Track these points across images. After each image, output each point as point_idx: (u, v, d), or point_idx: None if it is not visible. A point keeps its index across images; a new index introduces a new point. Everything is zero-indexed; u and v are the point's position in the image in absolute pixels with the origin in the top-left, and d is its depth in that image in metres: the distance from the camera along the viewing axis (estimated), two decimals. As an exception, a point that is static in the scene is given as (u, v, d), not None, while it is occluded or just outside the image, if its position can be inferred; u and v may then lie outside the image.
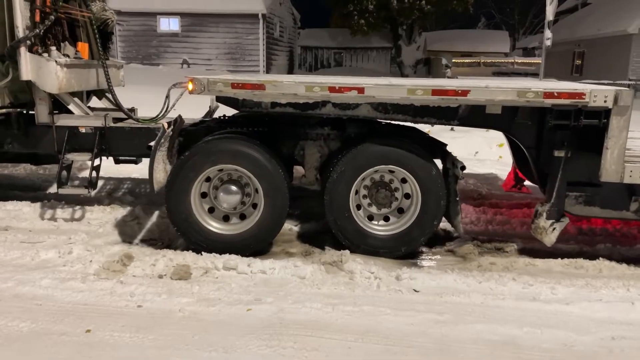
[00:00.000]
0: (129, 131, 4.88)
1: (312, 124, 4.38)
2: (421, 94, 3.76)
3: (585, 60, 25.45)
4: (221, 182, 4.18)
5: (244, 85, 3.87)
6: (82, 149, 4.83)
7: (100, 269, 3.81)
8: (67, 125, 4.81)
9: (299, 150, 4.46)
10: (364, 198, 4.23)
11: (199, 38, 22.06)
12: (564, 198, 3.94)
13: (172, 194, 4.08)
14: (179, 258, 3.97)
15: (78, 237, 4.41)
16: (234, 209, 4.19)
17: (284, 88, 3.84)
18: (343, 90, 3.81)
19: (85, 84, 5.14)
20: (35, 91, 4.72)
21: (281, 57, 26.02)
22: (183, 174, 4.06)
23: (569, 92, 3.65)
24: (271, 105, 4.04)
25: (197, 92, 3.90)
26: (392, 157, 4.06)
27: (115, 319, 3.16)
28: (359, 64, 31.81)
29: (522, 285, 3.69)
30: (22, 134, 4.86)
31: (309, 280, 3.75)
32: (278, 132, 4.40)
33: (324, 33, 33.06)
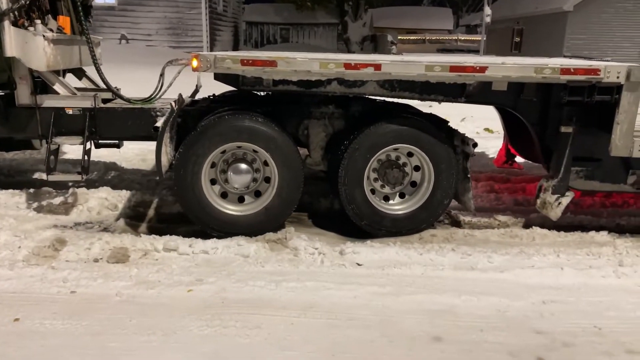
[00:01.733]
0: (121, 112, 4.53)
1: (316, 102, 4.24)
2: (439, 71, 3.72)
3: (524, 37, 26.32)
4: (231, 161, 4.04)
5: (254, 62, 3.72)
6: (69, 132, 4.45)
7: (29, 254, 3.61)
8: (52, 107, 4.39)
9: (302, 129, 4.29)
10: (375, 182, 4.18)
11: (137, 12, 21.08)
12: (569, 173, 4.04)
13: (181, 178, 3.91)
14: (116, 241, 3.82)
15: (5, 222, 4.15)
16: (246, 187, 4.06)
17: (297, 65, 3.71)
18: (359, 67, 3.72)
19: (69, 61, 4.74)
20: (16, 69, 4.28)
21: (226, 33, 25.34)
22: (193, 155, 3.90)
23: (585, 68, 3.72)
24: (273, 83, 3.90)
25: (203, 70, 3.71)
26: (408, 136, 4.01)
27: (46, 306, 3.01)
28: (306, 40, 31.51)
29: (460, 256, 3.80)
30: (3, 117, 4.42)
31: (253, 259, 3.71)
32: (279, 111, 4.23)
33: (269, 8, 32.42)
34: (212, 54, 3.76)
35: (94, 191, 4.88)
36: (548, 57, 8.30)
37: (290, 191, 4.05)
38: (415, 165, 4.20)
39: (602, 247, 3.98)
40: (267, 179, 4.11)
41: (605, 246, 4.00)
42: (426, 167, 4.14)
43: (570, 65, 3.78)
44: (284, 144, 3.98)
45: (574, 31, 22.10)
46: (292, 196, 4.07)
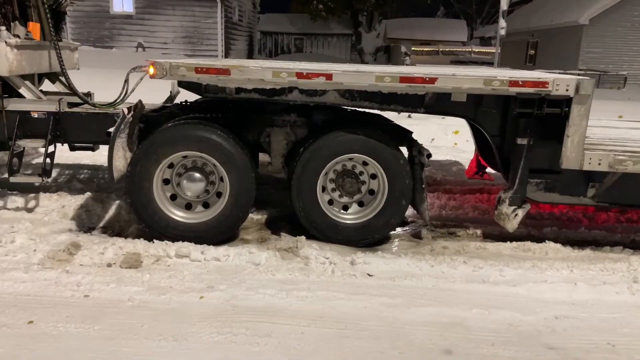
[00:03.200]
0: (85, 116, 4.63)
1: (278, 110, 4.27)
2: (389, 81, 3.74)
3: (539, 50, 26.21)
4: (185, 169, 4.07)
5: (208, 70, 3.76)
6: (35, 135, 4.55)
7: (44, 258, 3.66)
8: (18, 110, 4.51)
9: (264, 137, 4.35)
10: (330, 182, 4.21)
11: (154, 21, 21.39)
12: (526, 185, 4.03)
13: (133, 182, 3.95)
14: (129, 246, 3.86)
15: (22, 225, 4.21)
16: (197, 197, 4.09)
17: (250, 73, 3.75)
18: (311, 77, 3.75)
19: (37, 66, 4.86)
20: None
21: (240, 42, 25.59)
22: (144, 161, 3.93)
23: (533, 80, 3.71)
24: (236, 90, 3.95)
25: (159, 77, 3.76)
26: (360, 146, 4.02)
27: (60, 309, 3.04)
28: (319, 51, 31.67)
29: (472, 268, 3.78)
30: None
31: (264, 267, 3.72)
32: (243, 119, 4.30)
33: (284, 18, 32.69)
34: (167, 62, 3.81)
35: (107, 197, 4.95)
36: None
37: (241, 199, 4.04)
38: (371, 174, 4.22)
39: (616, 263, 3.93)
40: (219, 191, 4.11)
41: (620, 262, 3.96)
42: (380, 177, 4.14)
43: (518, 77, 3.78)
44: (235, 154, 3.97)
45: (590, 44, 21.97)
46: (244, 204, 4.06)
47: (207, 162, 4.04)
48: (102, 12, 21.18)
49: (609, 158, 3.80)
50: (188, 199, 4.11)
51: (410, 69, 4.41)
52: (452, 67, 6.77)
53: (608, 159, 3.80)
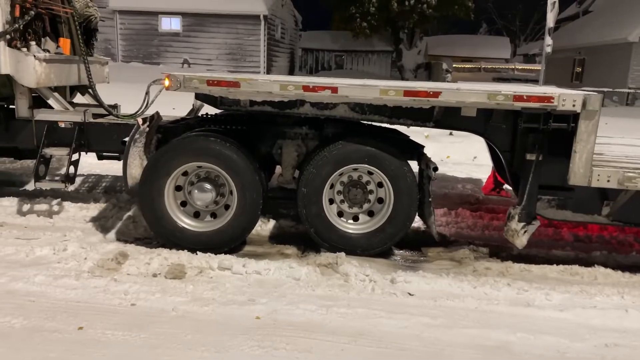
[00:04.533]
0: (107, 127, 4.88)
1: (291, 123, 4.38)
2: (393, 95, 3.78)
3: (586, 67, 25.51)
4: (198, 179, 4.20)
5: (219, 82, 3.89)
6: (61, 144, 4.81)
7: (94, 266, 3.80)
8: (46, 120, 4.80)
9: (276, 149, 4.46)
10: (338, 194, 4.26)
11: (200, 38, 22.09)
12: (536, 201, 3.96)
13: (145, 189, 4.10)
14: (173, 257, 3.96)
15: (73, 234, 4.39)
16: (206, 207, 4.20)
17: (258, 86, 3.86)
18: (317, 90, 3.83)
19: (65, 79, 5.13)
20: (15, 85, 4.72)
21: (282, 59, 26.05)
22: (157, 169, 4.08)
23: (538, 95, 3.67)
24: (250, 103, 4.07)
25: (173, 89, 3.92)
26: (365, 156, 4.07)
27: (108, 317, 3.15)
28: (360, 67, 31.83)
29: (516, 291, 3.69)
30: (3, 128, 4.85)
31: (304, 282, 3.74)
32: (257, 131, 4.43)
33: (325, 35, 33.08)
34: (181, 74, 3.94)
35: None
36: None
37: (249, 210, 4.11)
38: (379, 183, 4.21)
39: (671, 291, 3.75)
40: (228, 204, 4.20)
41: (675, 290, 3.77)
42: (386, 188, 4.14)
43: (523, 92, 3.69)
44: (244, 166, 4.06)
45: (639, 62, 21.24)
46: (251, 214, 4.14)
47: (218, 173, 4.14)
48: (151, 30, 22.04)
49: (618, 175, 3.70)
50: (198, 208, 4.22)
51: (414, 83, 4.43)
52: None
53: (617, 176, 3.70)
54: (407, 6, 23.87)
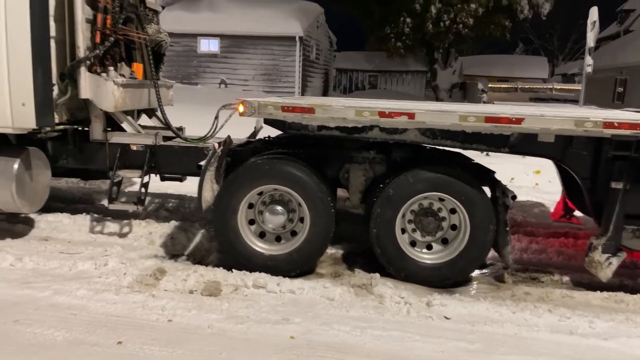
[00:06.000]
0: (177, 150, 4.95)
1: (358, 147, 4.34)
2: (473, 121, 3.71)
3: (628, 87, 24.77)
4: (269, 202, 4.21)
5: (294, 108, 3.92)
6: (132, 166, 4.91)
7: (133, 281, 3.88)
8: (119, 143, 4.90)
9: (343, 173, 4.41)
10: (409, 223, 4.15)
11: (237, 59, 22.59)
12: (622, 232, 3.80)
13: (219, 212, 4.15)
14: (209, 274, 4.01)
15: (114, 249, 4.52)
16: (277, 229, 4.21)
17: (333, 112, 3.87)
18: (393, 116, 3.80)
19: (138, 103, 5.27)
20: (91, 109, 4.82)
21: (316, 79, 26.35)
22: (231, 193, 4.12)
23: (630, 122, 3.54)
24: (317, 127, 4.06)
25: (248, 115, 3.98)
26: (441, 185, 3.98)
27: (146, 332, 3.20)
28: (394, 87, 31.85)
29: (558, 318, 3.57)
30: (77, 150, 4.96)
31: (338, 302, 3.72)
32: (323, 154, 4.39)
33: (359, 56, 33.31)
34: (256, 100, 3.99)
35: (190, 225, 5.19)
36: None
37: (320, 234, 4.10)
38: (452, 214, 4.10)
39: None
40: (302, 219, 4.19)
41: None
42: (462, 218, 4.03)
43: (614, 119, 3.56)
44: (317, 189, 4.06)
45: (686, 82, 20.48)
46: (323, 239, 4.13)
47: (290, 195, 4.15)
48: (191, 52, 22.70)
49: None
50: (270, 231, 4.23)
51: (496, 109, 4.34)
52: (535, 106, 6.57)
53: None
54: (443, 27, 23.85)
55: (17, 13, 4.07)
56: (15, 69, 4.13)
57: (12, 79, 4.14)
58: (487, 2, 22.59)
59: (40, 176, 4.65)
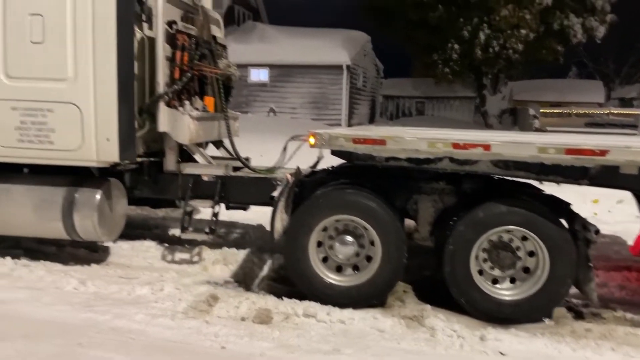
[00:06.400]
0: (247, 180, 5.06)
1: (426, 177, 4.29)
2: (553, 153, 3.64)
3: (692, 111, 23.54)
4: (339, 231, 4.22)
5: (365, 140, 3.97)
6: (202, 196, 5.02)
7: (188, 307, 3.99)
8: (191, 174, 5.03)
9: (411, 204, 4.37)
10: (484, 261, 4.04)
11: (285, 88, 23.12)
12: None
13: (290, 243, 4.19)
14: (261, 302, 4.08)
15: (169, 275, 4.67)
16: (348, 260, 4.22)
17: (405, 144, 3.89)
18: (467, 147, 3.79)
19: (209, 134, 5.44)
20: (166, 141, 5.00)
21: (363, 106, 26.53)
22: (302, 223, 4.17)
23: None
24: (385, 158, 4.06)
25: (318, 146, 4.09)
26: (517, 218, 3.89)
27: (201, 358, 3.28)
28: (441, 113, 31.59)
29: (621, 357, 3.40)
30: (152, 180, 5.13)
31: (389, 334, 3.69)
32: (390, 185, 4.36)
33: (406, 82, 33.35)
34: (327, 133, 4.05)
35: (242, 252, 5.30)
36: None
37: (392, 266, 4.06)
38: (529, 250, 3.96)
39: None
40: (371, 252, 4.15)
41: None
42: (540, 253, 3.88)
43: None
44: (388, 220, 4.05)
45: None
46: (395, 271, 4.09)
47: (358, 225, 4.16)
48: (242, 81, 23.41)
49: None
50: (339, 262, 4.23)
51: (576, 140, 4.17)
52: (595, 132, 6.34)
53: None
54: (492, 53, 23.61)
55: (105, 55, 4.29)
56: (101, 106, 4.34)
57: (98, 116, 4.35)
58: (538, 27, 22.19)
59: (118, 206, 4.85)
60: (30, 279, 4.47)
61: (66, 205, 4.53)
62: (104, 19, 4.26)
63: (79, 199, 4.55)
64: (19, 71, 4.39)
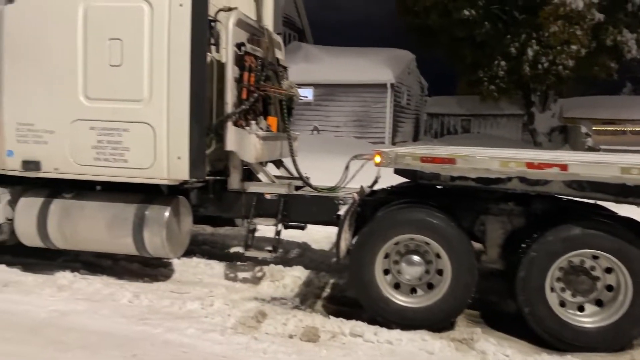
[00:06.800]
0: (309, 199, 5.09)
1: (495, 198, 4.18)
2: (637, 174, 3.51)
3: None
4: (405, 251, 4.18)
5: (433, 159, 3.93)
6: (264, 214, 5.09)
7: (237, 323, 4.06)
8: (255, 192, 5.07)
9: (478, 225, 4.26)
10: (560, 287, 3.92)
11: (329, 107, 23.34)
12: None
13: (355, 262, 4.17)
14: (308, 319, 4.10)
15: (218, 290, 4.77)
16: (416, 280, 4.16)
17: (475, 163, 3.84)
18: (542, 167, 3.71)
19: (272, 154, 5.54)
20: (231, 160, 5.05)
21: (407, 124, 26.41)
22: (369, 243, 4.14)
23: None
24: (451, 178, 4.02)
25: (384, 165, 4.07)
26: (595, 241, 3.77)
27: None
28: (488, 131, 30.98)
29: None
30: (216, 198, 5.24)
31: (437, 357, 3.63)
32: (456, 205, 4.27)
33: (451, 100, 32.99)
34: (393, 152, 4.03)
35: (289, 269, 5.34)
36: None
37: (462, 288, 3.98)
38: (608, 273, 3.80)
39: None
40: (440, 271, 4.09)
41: None
42: (622, 276, 3.73)
43: None
44: (459, 239, 3.98)
45: None
46: (464, 293, 4.00)
47: (430, 249, 4.11)
48: (291, 100, 23.80)
49: None
50: (406, 283, 4.19)
51: None
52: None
53: None
54: (541, 69, 23.06)
55: (179, 77, 4.46)
56: (174, 126, 4.50)
57: (171, 135, 4.51)
58: (590, 43, 21.55)
59: (184, 223, 4.99)
60: (89, 291, 4.67)
61: (137, 222, 4.68)
62: (179, 43, 4.43)
63: (149, 216, 4.69)
64: (97, 93, 4.61)
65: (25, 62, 4.69)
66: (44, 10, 4.65)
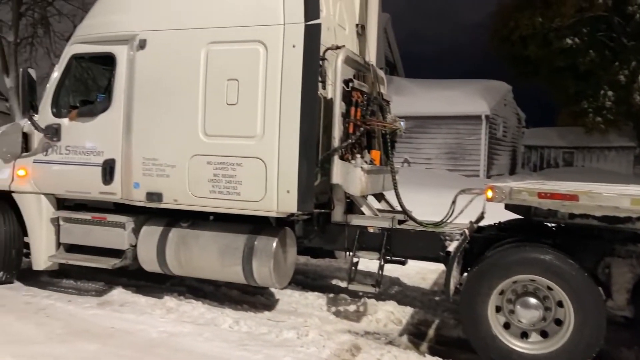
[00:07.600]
0: (413, 234, 4.99)
1: (620, 238, 3.93)
2: None
3: None
4: (520, 292, 4.00)
5: (552, 195, 3.73)
6: (367, 248, 5.09)
7: (332, 354, 4.10)
8: (358, 225, 5.07)
9: (602, 267, 4.00)
10: None
11: (420, 139, 23.09)
12: None
13: (467, 301, 4.06)
14: (402, 356, 4.06)
15: (312, 321, 4.85)
16: (533, 325, 3.97)
17: (602, 200, 3.56)
18: None
19: (375, 187, 5.59)
20: (335, 193, 5.11)
21: (503, 157, 25.39)
22: (482, 281, 4.01)
23: None
24: (569, 215, 3.83)
25: (497, 200, 3.91)
26: None
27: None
28: (593, 164, 28.88)
29: None
30: (320, 230, 5.35)
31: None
32: (575, 245, 4.03)
33: (551, 132, 31.28)
34: (507, 186, 3.88)
35: (382, 304, 5.32)
36: None
37: (587, 336, 3.69)
38: None
39: None
40: (558, 321, 3.84)
41: None
42: None
43: None
44: (583, 283, 3.72)
45: None
46: (591, 343, 3.69)
47: (546, 290, 3.92)
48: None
49: None
50: (517, 325, 4.01)
51: None
52: None
53: None
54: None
55: (290, 115, 4.64)
56: (284, 161, 4.68)
57: (281, 170, 4.69)
58: None
59: (289, 254, 5.15)
60: (193, 314, 4.96)
61: (246, 251, 4.87)
62: (291, 82, 4.64)
63: (258, 246, 4.86)
64: (215, 130, 4.92)
65: (152, 102, 5.14)
66: (171, 55, 5.08)
